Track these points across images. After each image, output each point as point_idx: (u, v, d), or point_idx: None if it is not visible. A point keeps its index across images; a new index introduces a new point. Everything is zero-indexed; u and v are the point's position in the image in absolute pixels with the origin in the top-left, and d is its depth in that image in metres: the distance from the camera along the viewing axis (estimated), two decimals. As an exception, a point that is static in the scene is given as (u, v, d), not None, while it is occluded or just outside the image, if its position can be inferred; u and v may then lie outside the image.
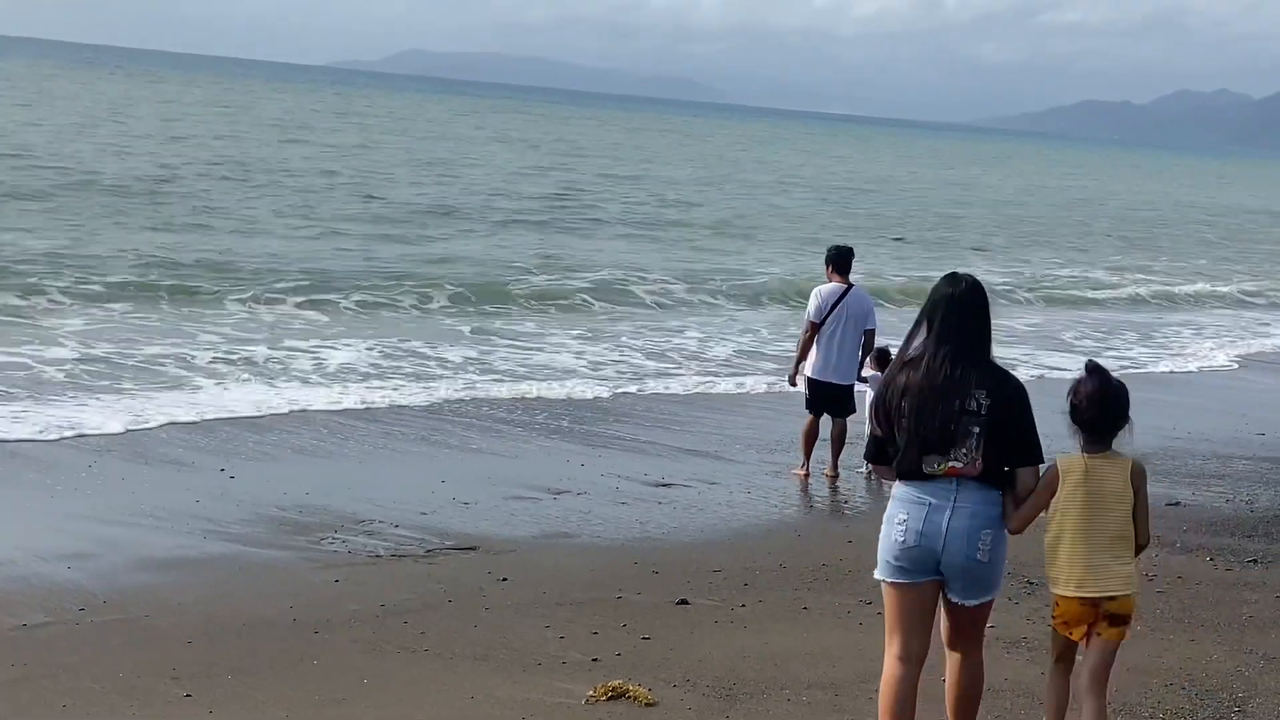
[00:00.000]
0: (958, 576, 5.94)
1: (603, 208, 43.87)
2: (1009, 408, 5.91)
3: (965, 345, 5.96)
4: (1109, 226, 56.68)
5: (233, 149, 52.35)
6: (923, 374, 5.93)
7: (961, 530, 5.86)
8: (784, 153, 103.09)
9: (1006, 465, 5.94)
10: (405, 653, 7.78)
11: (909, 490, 5.97)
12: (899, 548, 5.97)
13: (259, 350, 17.92)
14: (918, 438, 5.91)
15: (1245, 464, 14.60)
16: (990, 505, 5.92)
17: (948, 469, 5.88)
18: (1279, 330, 29.44)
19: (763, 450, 14.20)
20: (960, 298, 6.02)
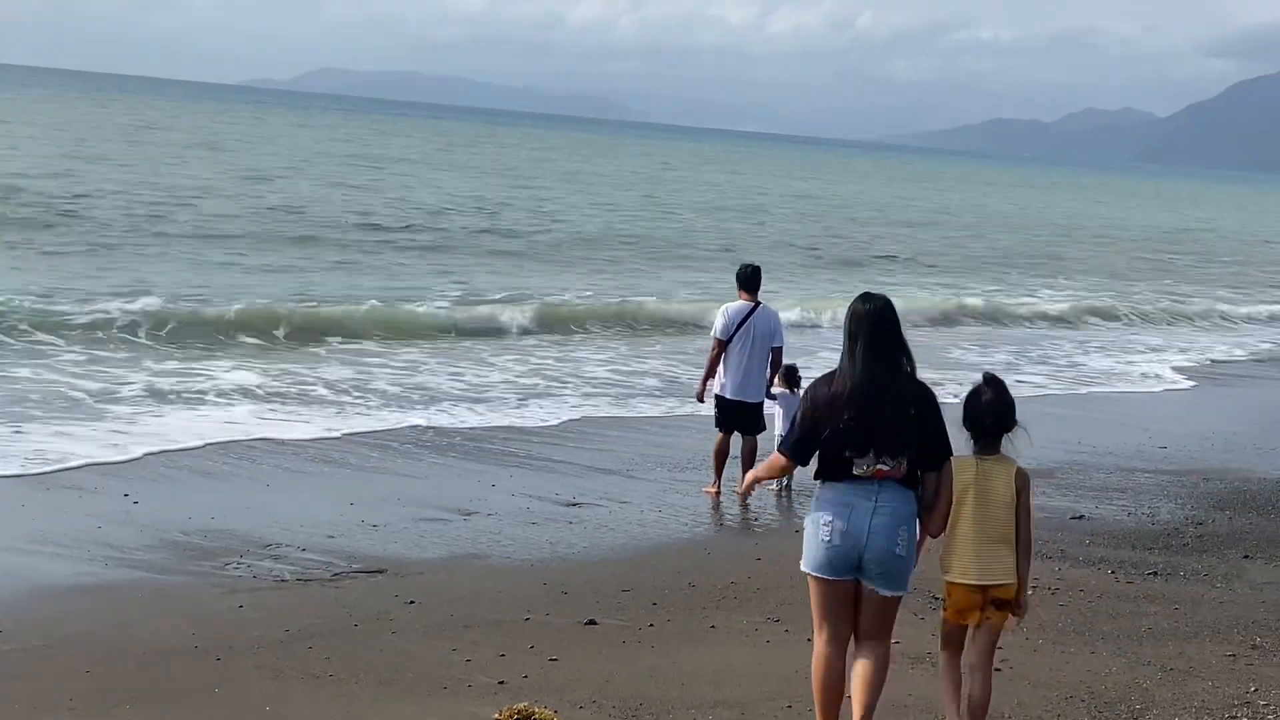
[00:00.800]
0: (878, 570, 6.51)
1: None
2: (932, 416, 6.58)
3: (889, 357, 6.58)
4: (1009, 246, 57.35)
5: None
6: (862, 385, 6.50)
7: (882, 527, 6.47)
8: (681, 169, 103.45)
9: (923, 468, 6.59)
10: (309, 678, 7.72)
11: (834, 493, 6.56)
12: (825, 547, 6.54)
13: (141, 379, 17.24)
14: (854, 442, 6.47)
15: (1148, 477, 14.83)
16: (907, 504, 6.57)
17: (875, 471, 6.47)
18: (1169, 344, 29.99)
19: (674, 469, 14.23)
20: (876, 313, 6.63)
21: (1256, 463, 16.15)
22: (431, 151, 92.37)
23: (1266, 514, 13.13)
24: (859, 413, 6.47)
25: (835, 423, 6.49)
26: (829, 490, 6.59)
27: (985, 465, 6.71)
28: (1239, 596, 10.10)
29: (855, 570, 6.55)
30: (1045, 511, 12.82)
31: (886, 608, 6.63)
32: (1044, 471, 14.76)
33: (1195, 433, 18.20)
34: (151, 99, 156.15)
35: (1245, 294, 43.39)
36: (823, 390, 6.62)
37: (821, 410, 6.55)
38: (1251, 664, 8.40)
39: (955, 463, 6.68)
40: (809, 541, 6.62)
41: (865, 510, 6.48)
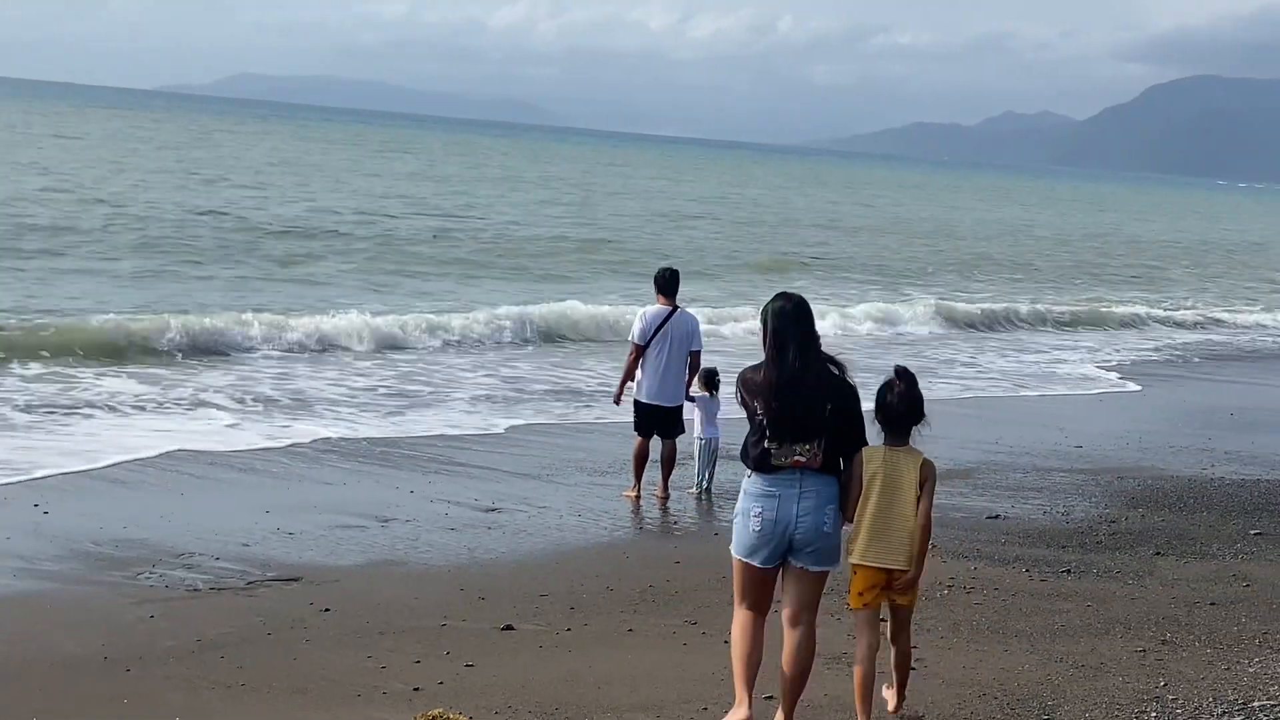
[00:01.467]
0: (809, 549, 6.89)
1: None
2: (850, 409, 6.94)
3: (805, 351, 6.93)
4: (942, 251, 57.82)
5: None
6: (781, 377, 6.86)
7: (809, 510, 6.85)
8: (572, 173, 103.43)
9: (843, 455, 6.96)
10: (221, 688, 7.63)
11: (759, 484, 6.92)
12: (754, 536, 6.91)
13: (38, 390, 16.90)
14: (774, 433, 6.83)
15: (1063, 476, 14.98)
16: (829, 486, 6.93)
17: (792, 461, 6.82)
18: (1086, 346, 30.37)
19: (593, 473, 14.22)
20: (792, 311, 7.01)
21: (1170, 460, 16.37)
22: (351, 156, 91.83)
23: (1178, 511, 13.31)
24: (779, 404, 6.83)
25: (754, 414, 6.90)
26: (755, 482, 6.95)
27: (894, 455, 7.04)
28: (1150, 593, 10.23)
29: (784, 554, 6.93)
30: (962, 511, 12.96)
31: (815, 583, 7.00)
32: (961, 472, 14.90)
33: (1111, 432, 18.43)
34: (50, 104, 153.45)
35: (1166, 296, 44.03)
36: (751, 376, 7.03)
37: (748, 402, 6.97)
38: (1161, 659, 8.50)
39: (865, 452, 7.03)
40: (739, 530, 7.00)
41: (791, 498, 6.86)
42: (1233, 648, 8.72)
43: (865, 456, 7.02)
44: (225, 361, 20.12)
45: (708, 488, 13.47)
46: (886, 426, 7.12)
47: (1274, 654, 8.55)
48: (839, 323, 29.41)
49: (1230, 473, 15.69)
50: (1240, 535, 12.26)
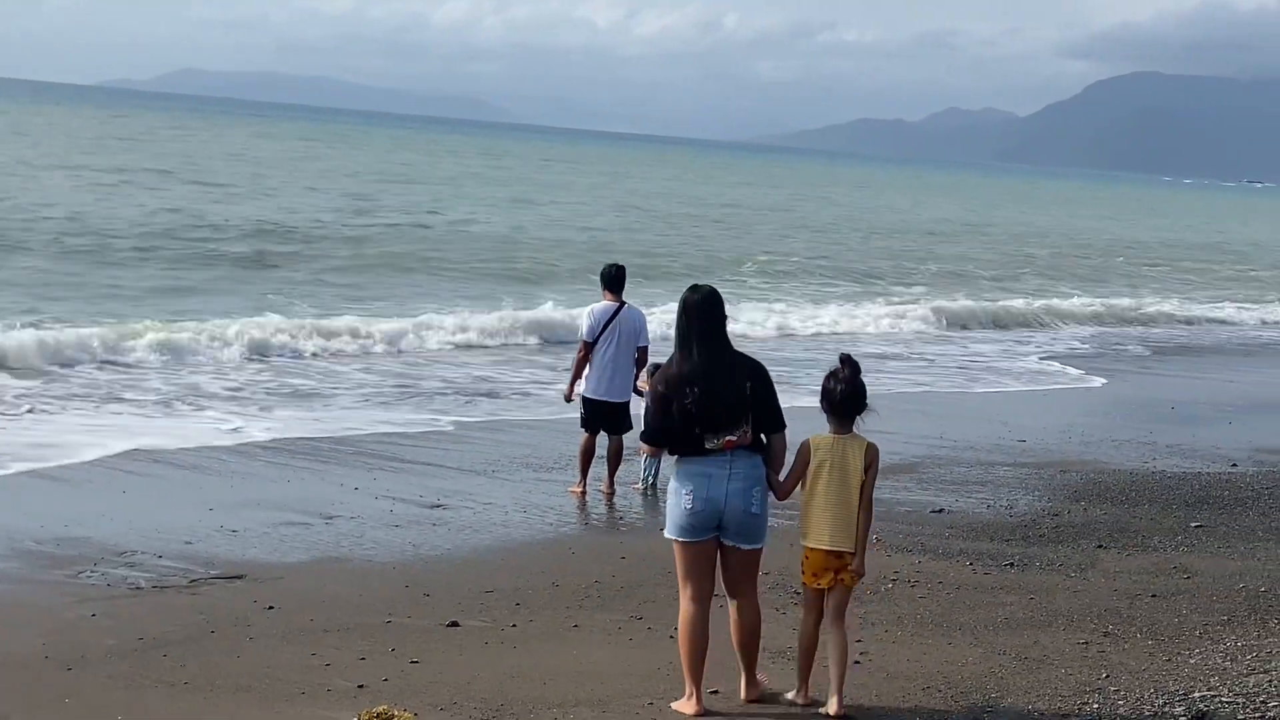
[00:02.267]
0: (737, 527, 7.25)
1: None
2: (765, 388, 7.32)
3: (721, 339, 7.34)
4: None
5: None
6: (701, 366, 7.21)
7: (738, 490, 7.20)
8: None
9: (766, 432, 7.30)
10: (164, 686, 7.56)
11: (691, 466, 7.25)
12: (688, 514, 7.25)
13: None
14: (702, 419, 7.16)
15: (1007, 470, 15.07)
16: (756, 468, 7.29)
17: (725, 443, 7.16)
18: (1027, 340, 30.60)
19: (539, 469, 14.20)
20: (705, 301, 7.38)
21: (1112, 454, 16.50)
22: (289, 155, 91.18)
23: (1120, 504, 13.42)
24: (701, 391, 7.18)
25: (682, 402, 7.18)
26: (686, 464, 7.28)
27: (841, 442, 7.39)
28: (1092, 585, 10.31)
29: (715, 530, 7.29)
30: (906, 506, 13.02)
31: (749, 560, 7.39)
32: (906, 466, 14.98)
33: (1053, 426, 18.54)
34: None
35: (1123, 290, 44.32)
36: (666, 374, 7.34)
37: (671, 391, 7.23)
38: (1104, 651, 8.57)
39: (813, 440, 7.41)
40: (672, 511, 7.34)
41: (721, 478, 7.21)
42: (1174, 639, 8.81)
43: (814, 444, 7.39)
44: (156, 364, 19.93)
45: (653, 483, 13.47)
46: (832, 414, 7.44)
47: (1214, 645, 8.64)
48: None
49: (1171, 466, 15.83)
50: (1181, 528, 12.38)
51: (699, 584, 7.35)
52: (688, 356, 7.29)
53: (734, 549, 7.34)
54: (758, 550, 7.40)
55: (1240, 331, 36.35)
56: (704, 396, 7.17)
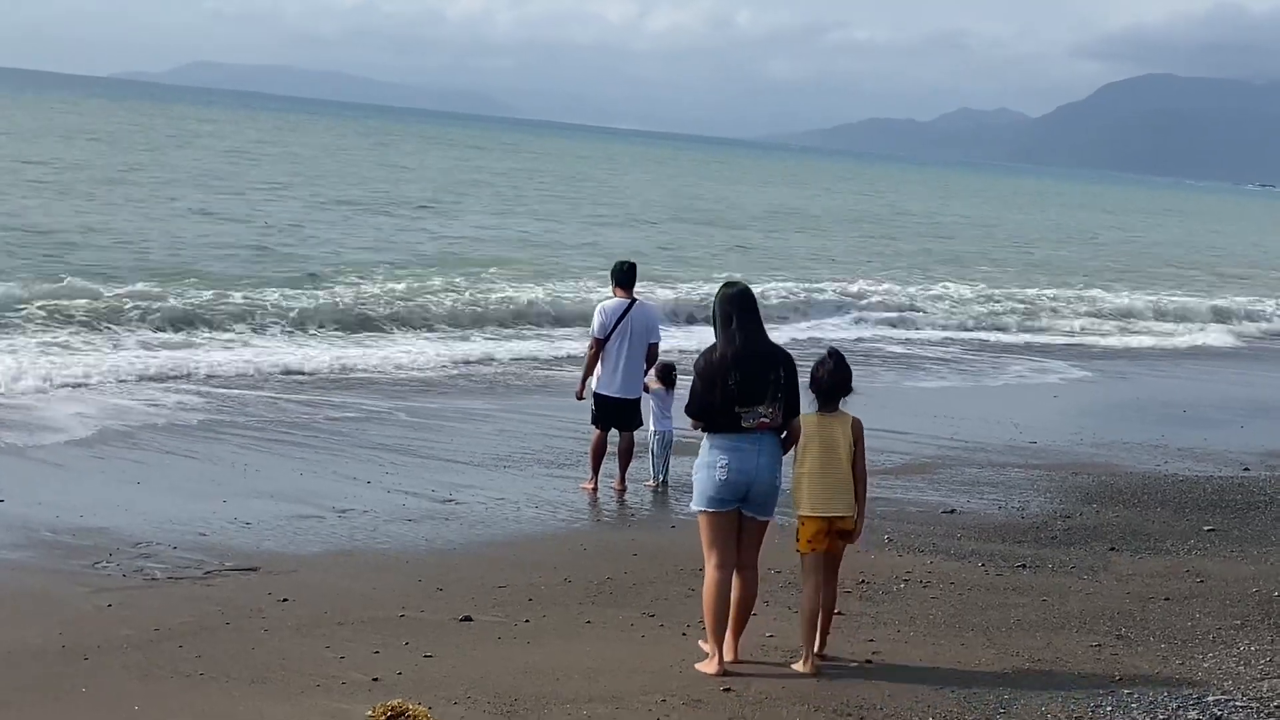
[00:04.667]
0: (760, 498, 8.02)
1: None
2: (792, 376, 8.08)
3: (758, 328, 8.11)
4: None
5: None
6: (743, 350, 7.96)
7: (767, 465, 7.99)
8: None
9: (787, 417, 8.07)
10: (179, 677, 7.59)
11: (727, 440, 7.97)
12: (721, 484, 7.96)
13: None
14: (740, 399, 7.90)
15: (1018, 472, 15.07)
16: (778, 446, 8.11)
17: (759, 423, 7.93)
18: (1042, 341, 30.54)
19: (550, 465, 14.22)
20: (743, 294, 8.20)
21: (1124, 457, 16.50)
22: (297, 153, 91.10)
23: (1132, 507, 13.42)
24: (743, 374, 7.93)
25: (725, 383, 7.90)
26: (720, 440, 8.00)
27: (827, 420, 8.29)
28: (1104, 588, 10.31)
29: (739, 501, 7.99)
30: (918, 506, 13.03)
31: (760, 531, 8.16)
32: (918, 467, 14.99)
33: (1065, 428, 18.55)
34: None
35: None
36: (709, 359, 8.06)
37: (715, 373, 7.95)
38: (1116, 654, 8.57)
39: (804, 418, 8.22)
40: (703, 482, 8.03)
41: (753, 454, 7.96)
42: (1187, 643, 8.81)
43: (804, 422, 8.21)
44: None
45: (664, 480, 13.50)
46: (820, 397, 8.34)
47: (1227, 649, 8.64)
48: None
49: (1183, 469, 15.83)
50: (1193, 531, 12.38)
51: (724, 552, 8.05)
52: (730, 342, 8.03)
53: (751, 520, 8.07)
54: (768, 522, 8.19)
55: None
56: (744, 380, 7.93)
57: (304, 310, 23.78)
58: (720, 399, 7.95)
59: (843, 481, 8.21)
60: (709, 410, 8.02)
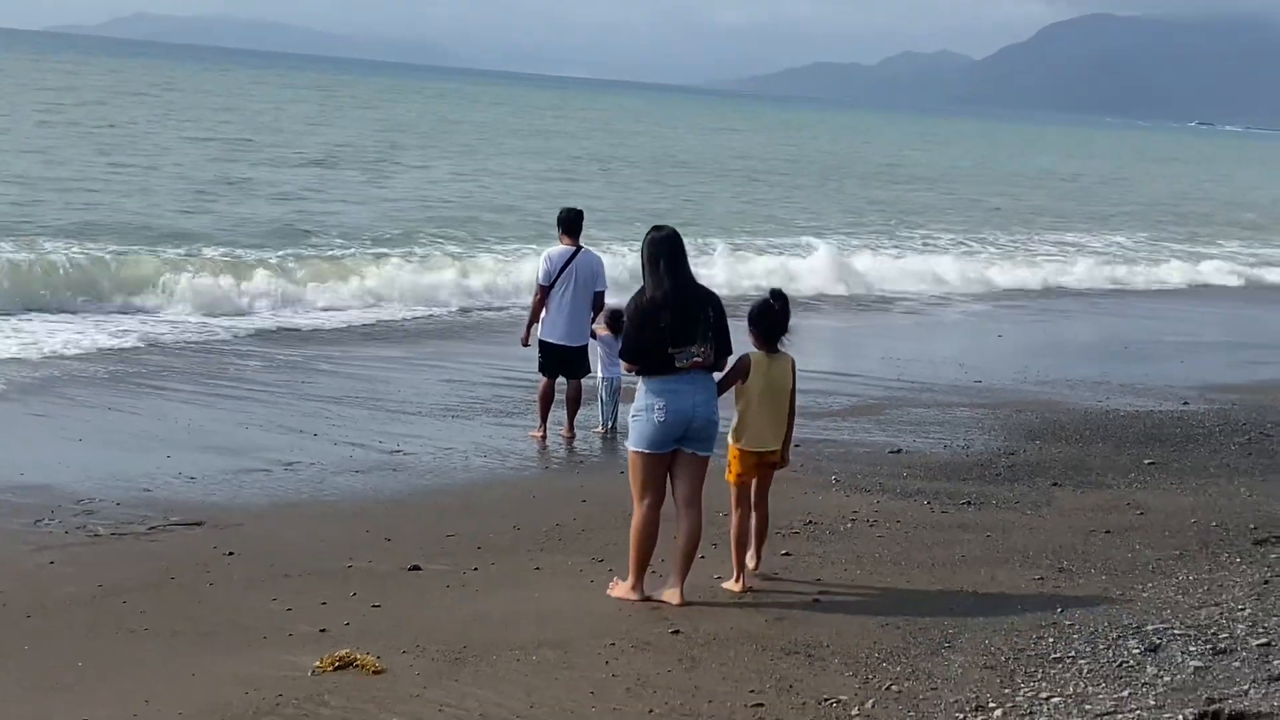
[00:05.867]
0: (702, 435, 8.22)
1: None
2: (722, 316, 8.27)
3: (686, 272, 8.26)
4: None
5: None
6: (672, 293, 8.10)
7: (703, 402, 8.19)
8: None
9: (719, 357, 8.27)
10: (124, 633, 7.56)
11: (662, 383, 8.13)
12: (659, 426, 8.13)
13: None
14: (674, 340, 8.05)
15: (964, 411, 15.18)
16: (712, 383, 8.33)
17: (692, 363, 8.10)
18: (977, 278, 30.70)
19: (499, 414, 14.21)
20: (671, 238, 8.32)
21: (1067, 394, 16.65)
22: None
23: (1075, 443, 13.54)
24: (673, 315, 8.08)
25: (656, 325, 8.04)
26: (656, 383, 8.15)
27: (771, 361, 8.56)
28: (1047, 522, 10.41)
29: (679, 441, 8.18)
30: (865, 447, 13.12)
31: (702, 467, 8.33)
32: (866, 408, 15.08)
33: (1010, 367, 18.70)
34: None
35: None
36: (639, 303, 8.21)
37: (646, 317, 8.10)
38: (1058, 586, 8.66)
39: (753, 356, 8.52)
40: (641, 426, 8.18)
41: (688, 393, 8.14)
42: (1127, 574, 8.91)
43: (754, 360, 8.51)
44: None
45: (613, 426, 13.51)
46: (763, 337, 8.55)
47: (1166, 579, 8.74)
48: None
49: (1125, 404, 15.99)
50: (1134, 465, 12.50)
51: (656, 492, 8.29)
52: (660, 284, 8.16)
53: (692, 457, 8.26)
54: (708, 459, 8.35)
55: None
56: (675, 320, 8.07)
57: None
58: (652, 340, 8.11)
59: (781, 419, 8.62)
60: (642, 352, 8.17)
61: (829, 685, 6.82)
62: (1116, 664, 7.03)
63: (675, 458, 8.30)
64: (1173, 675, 6.76)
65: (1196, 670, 6.79)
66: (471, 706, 6.49)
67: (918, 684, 6.83)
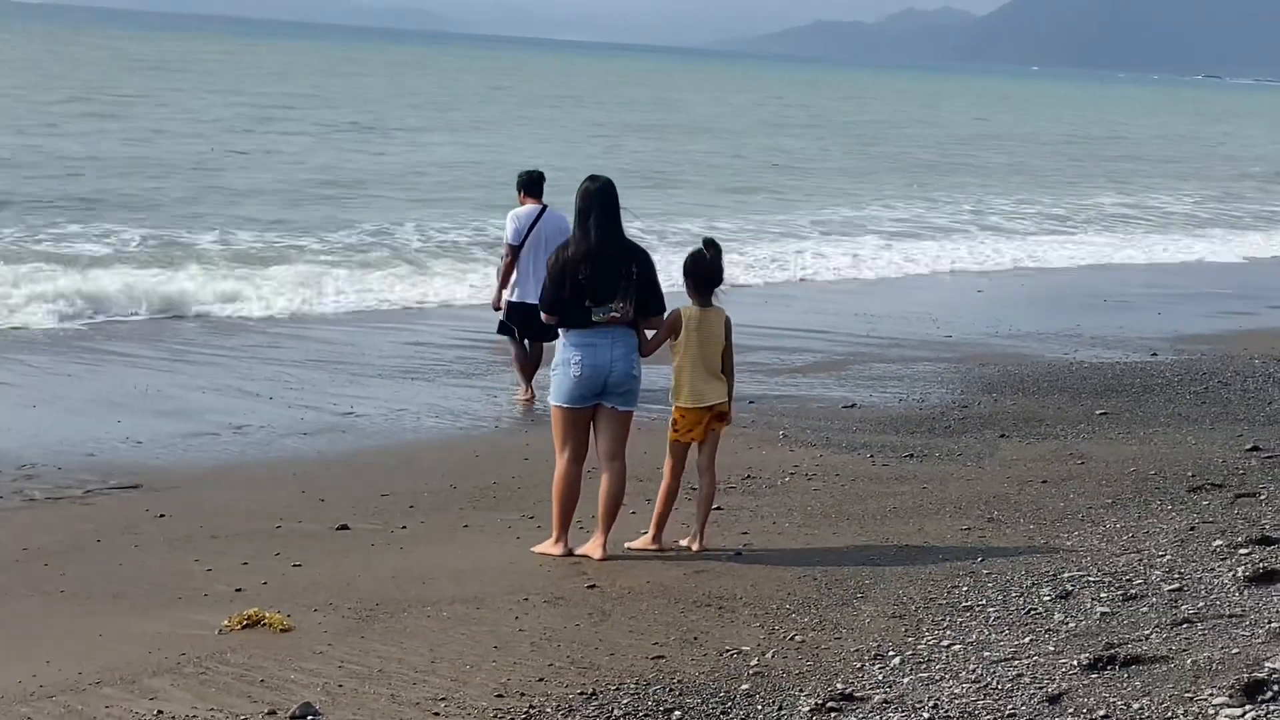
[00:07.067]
0: (619, 390, 8.17)
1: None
2: (649, 272, 8.22)
3: (615, 225, 8.15)
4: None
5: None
6: (595, 247, 8.03)
7: (621, 356, 8.12)
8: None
9: (645, 314, 8.21)
10: (40, 595, 7.56)
11: (579, 337, 8.10)
12: (576, 380, 8.11)
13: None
14: (591, 294, 8.01)
15: (927, 366, 15.15)
16: (633, 339, 8.22)
17: (609, 318, 8.05)
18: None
19: (461, 375, 14.21)
20: (604, 189, 8.19)
21: (1035, 347, 16.63)
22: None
23: (1031, 394, 13.49)
24: (594, 270, 8.02)
25: (575, 278, 8.00)
26: (574, 336, 8.12)
27: (705, 315, 8.33)
28: (986, 473, 10.36)
29: (598, 396, 8.16)
30: (820, 402, 13.09)
31: (624, 422, 8.30)
32: (828, 365, 15.07)
33: (981, 320, 18.69)
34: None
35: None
36: (563, 254, 8.15)
37: (567, 268, 8.05)
38: (984, 536, 8.62)
39: (684, 311, 8.30)
40: (560, 380, 8.18)
41: (606, 347, 8.09)
42: (1056, 523, 8.87)
43: (684, 315, 8.28)
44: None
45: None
46: (697, 288, 8.34)
47: (1094, 527, 8.70)
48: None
49: (1091, 356, 15.96)
50: (1085, 416, 12.44)
51: (577, 446, 8.28)
52: (585, 237, 8.09)
53: (612, 411, 8.22)
54: (631, 413, 8.33)
55: None
56: (595, 275, 8.00)
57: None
58: (570, 293, 8.06)
59: (717, 373, 8.39)
60: (559, 304, 8.13)
61: (734, 636, 6.80)
62: (1025, 611, 6.99)
63: (597, 412, 8.26)
64: (1078, 621, 6.72)
65: (1103, 616, 6.76)
66: (372, 663, 6.48)
67: (822, 634, 6.81)
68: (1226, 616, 6.45)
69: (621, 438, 8.33)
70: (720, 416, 8.45)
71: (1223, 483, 9.65)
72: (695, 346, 8.29)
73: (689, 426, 8.40)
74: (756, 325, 16.14)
